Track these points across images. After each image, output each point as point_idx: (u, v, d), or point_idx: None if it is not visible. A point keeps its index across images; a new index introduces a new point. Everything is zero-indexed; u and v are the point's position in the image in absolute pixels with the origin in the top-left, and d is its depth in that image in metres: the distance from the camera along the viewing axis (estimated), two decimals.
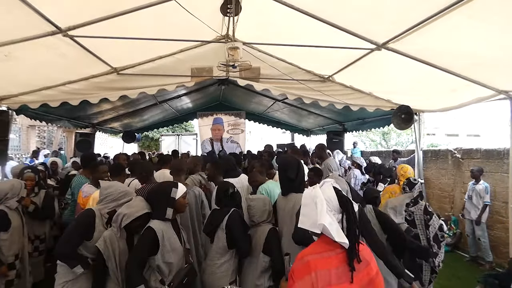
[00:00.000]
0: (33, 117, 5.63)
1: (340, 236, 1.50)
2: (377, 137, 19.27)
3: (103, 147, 16.67)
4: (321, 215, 1.51)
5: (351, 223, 1.55)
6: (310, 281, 1.46)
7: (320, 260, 1.50)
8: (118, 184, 2.74)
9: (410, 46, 3.40)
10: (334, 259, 1.51)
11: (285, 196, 2.71)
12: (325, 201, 1.55)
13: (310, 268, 1.48)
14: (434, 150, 7.24)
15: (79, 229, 2.46)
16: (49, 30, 3.14)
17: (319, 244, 1.58)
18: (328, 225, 1.49)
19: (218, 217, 2.65)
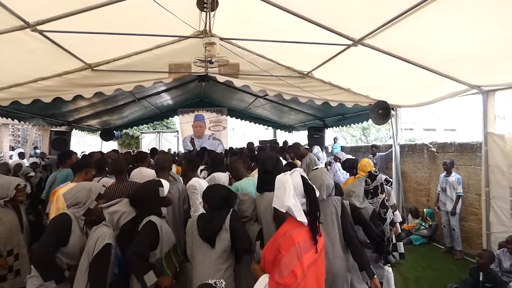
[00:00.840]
0: (4, 115, 5.40)
1: (301, 217, 1.85)
2: (357, 132, 19.66)
3: (80, 145, 16.21)
4: (288, 198, 1.85)
5: (312, 206, 1.91)
6: (295, 251, 1.78)
7: (298, 233, 1.84)
8: (80, 185, 2.63)
9: (385, 42, 3.47)
10: (304, 233, 1.86)
11: (261, 193, 2.68)
12: (293, 186, 1.88)
13: (294, 241, 1.80)
14: (411, 145, 7.43)
15: (54, 235, 2.36)
16: (17, 25, 3.00)
17: (292, 221, 1.89)
18: (292, 207, 1.84)
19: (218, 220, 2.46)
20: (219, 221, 2.41)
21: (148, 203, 2.46)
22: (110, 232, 2.32)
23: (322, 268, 1.95)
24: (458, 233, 5.46)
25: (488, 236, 4.24)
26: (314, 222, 1.89)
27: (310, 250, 1.84)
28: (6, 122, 10.99)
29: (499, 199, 4.12)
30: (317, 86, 5.03)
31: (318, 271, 1.89)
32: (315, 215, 1.91)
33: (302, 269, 1.76)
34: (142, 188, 2.64)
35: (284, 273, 1.75)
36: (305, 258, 1.78)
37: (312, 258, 1.83)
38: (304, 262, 1.77)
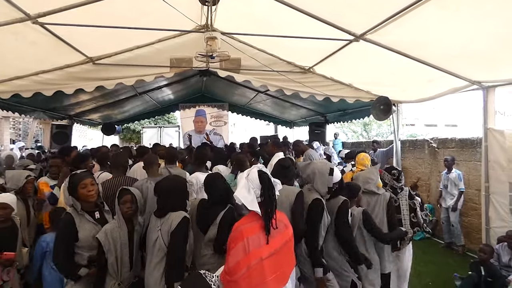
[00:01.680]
0: (5, 108, 5.41)
1: (253, 206, 1.94)
2: (358, 128, 19.60)
3: (82, 139, 16.24)
4: (239, 190, 1.99)
5: (266, 195, 1.98)
6: (243, 245, 1.85)
7: (250, 228, 1.92)
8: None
9: (387, 37, 3.45)
10: (259, 225, 1.93)
11: None
12: (248, 181, 2.00)
13: (242, 235, 1.88)
14: (412, 140, 7.44)
15: (61, 238, 2.44)
16: (18, 17, 2.98)
17: (249, 216, 2.00)
18: (242, 198, 1.95)
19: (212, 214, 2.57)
20: (212, 216, 2.53)
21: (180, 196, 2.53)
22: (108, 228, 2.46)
23: (283, 261, 1.96)
24: (458, 229, 5.49)
25: (487, 231, 4.26)
26: (267, 212, 1.94)
27: (261, 245, 1.87)
28: (7, 115, 11.03)
29: (498, 194, 4.14)
30: (319, 82, 5.02)
31: (283, 260, 1.95)
32: (269, 205, 1.96)
33: (249, 262, 1.82)
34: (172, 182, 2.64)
35: (230, 264, 1.85)
36: (254, 253, 1.84)
37: (267, 251, 1.88)
38: (252, 257, 1.83)
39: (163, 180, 2.61)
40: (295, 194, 2.62)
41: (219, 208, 2.56)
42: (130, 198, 2.54)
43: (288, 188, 2.71)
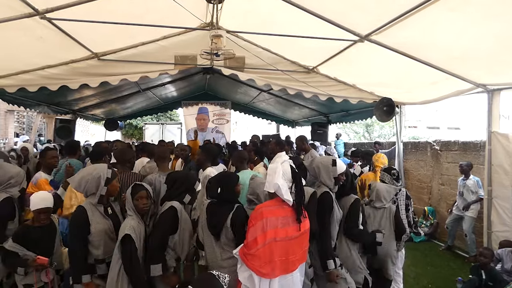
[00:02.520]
0: (10, 101, 5.45)
1: (288, 195, 2.15)
2: (360, 129, 19.58)
3: (84, 134, 16.30)
4: (277, 178, 2.17)
5: (298, 189, 2.23)
6: (261, 224, 2.09)
7: (270, 211, 2.16)
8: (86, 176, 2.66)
9: (392, 39, 3.46)
10: (281, 211, 2.16)
11: None
12: (282, 172, 2.20)
13: (262, 216, 2.12)
14: (414, 142, 7.43)
15: (75, 232, 2.44)
16: (26, 12, 3.01)
17: (271, 201, 2.26)
18: (280, 186, 2.14)
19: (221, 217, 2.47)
20: (222, 218, 2.43)
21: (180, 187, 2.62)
22: (133, 224, 2.42)
23: (296, 249, 2.17)
24: (472, 239, 5.27)
25: (489, 235, 4.26)
26: (299, 204, 2.19)
27: (283, 227, 2.12)
28: (11, 108, 11.07)
29: (501, 199, 4.14)
30: (322, 82, 5.02)
31: (290, 249, 2.14)
32: (300, 197, 2.22)
33: (265, 239, 2.05)
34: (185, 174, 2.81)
35: (249, 239, 2.10)
36: (270, 232, 2.07)
37: (284, 234, 2.11)
38: (268, 235, 2.06)
39: (172, 173, 2.79)
40: (309, 195, 2.64)
41: (226, 209, 2.46)
42: (145, 194, 2.53)
43: None
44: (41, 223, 2.68)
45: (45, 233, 2.71)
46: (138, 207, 2.49)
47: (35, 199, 2.65)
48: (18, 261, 2.55)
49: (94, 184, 2.48)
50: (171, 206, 2.51)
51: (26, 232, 2.64)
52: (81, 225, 2.43)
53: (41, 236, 2.66)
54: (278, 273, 2.08)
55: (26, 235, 2.62)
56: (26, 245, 2.59)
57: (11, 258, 2.57)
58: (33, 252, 2.58)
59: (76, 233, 2.44)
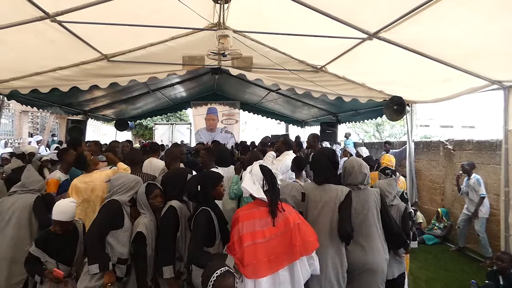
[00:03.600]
0: (24, 102, 5.59)
1: (259, 194, 2.23)
2: (370, 128, 19.33)
3: (96, 134, 16.55)
4: (245, 182, 2.28)
5: (269, 184, 2.27)
6: (237, 229, 2.17)
7: (246, 214, 2.22)
8: (127, 174, 2.82)
9: (402, 36, 3.39)
10: (257, 213, 2.21)
11: (320, 185, 2.69)
12: (252, 175, 2.31)
13: (238, 220, 2.20)
14: (426, 142, 7.28)
15: (109, 217, 2.46)
16: (37, 16, 3.07)
17: (249, 204, 2.33)
18: (248, 188, 2.25)
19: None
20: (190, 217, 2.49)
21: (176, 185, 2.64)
22: (146, 221, 2.49)
23: (282, 247, 2.17)
24: (485, 239, 5.14)
25: (507, 239, 4.09)
26: (272, 199, 2.23)
27: (261, 228, 2.16)
28: (25, 109, 11.31)
29: None
30: (331, 81, 4.97)
31: (273, 249, 2.15)
32: (272, 192, 2.26)
33: (241, 243, 2.12)
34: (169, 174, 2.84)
35: (229, 243, 2.24)
36: (246, 236, 2.13)
37: (262, 236, 2.14)
38: (244, 239, 2.12)
39: (164, 174, 2.86)
40: (344, 194, 2.57)
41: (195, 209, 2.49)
42: (159, 192, 2.64)
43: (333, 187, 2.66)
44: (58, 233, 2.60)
45: (67, 241, 2.62)
46: (154, 205, 2.59)
47: (55, 208, 2.55)
48: (37, 268, 2.50)
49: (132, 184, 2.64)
50: (170, 205, 2.54)
51: (47, 238, 2.57)
52: (116, 213, 2.48)
53: (62, 244, 2.58)
54: (263, 274, 2.08)
55: (47, 241, 2.55)
56: (47, 251, 2.53)
57: (32, 263, 2.52)
58: (54, 259, 2.53)
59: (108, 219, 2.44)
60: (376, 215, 2.68)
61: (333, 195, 2.58)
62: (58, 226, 2.55)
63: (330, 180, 2.69)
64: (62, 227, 2.56)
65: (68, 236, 2.63)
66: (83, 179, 3.34)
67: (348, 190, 2.60)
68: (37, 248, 2.51)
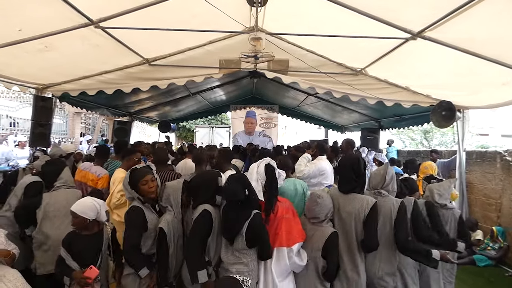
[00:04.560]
0: (74, 104, 6.02)
1: (260, 195, 2.46)
2: (418, 135, 18.08)
3: (141, 135, 17.47)
4: (251, 181, 2.47)
5: (269, 184, 2.54)
6: None
7: None
8: None
9: (450, 34, 3.10)
10: None
11: (345, 194, 2.59)
12: (257, 173, 2.57)
13: None
14: (480, 152, 6.62)
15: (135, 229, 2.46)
16: (82, 22, 3.30)
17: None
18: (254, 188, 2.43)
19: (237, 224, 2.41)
20: (238, 226, 2.35)
21: (207, 189, 2.55)
22: (169, 218, 2.48)
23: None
24: None
25: None
26: (270, 198, 2.49)
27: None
28: (78, 111, 12.27)
29: None
30: (371, 84, 4.72)
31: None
32: (271, 191, 2.51)
33: None
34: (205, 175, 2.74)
35: None
36: None
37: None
38: None
39: (195, 177, 2.75)
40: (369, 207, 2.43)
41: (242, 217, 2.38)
42: (150, 177, 2.63)
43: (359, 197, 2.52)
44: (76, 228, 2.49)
45: (90, 243, 2.51)
46: (146, 191, 2.55)
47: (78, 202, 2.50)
48: (66, 270, 2.41)
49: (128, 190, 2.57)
50: (204, 209, 2.47)
51: (71, 239, 2.48)
52: (140, 222, 2.45)
53: (84, 246, 2.48)
54: None
55: (71, 241, 2.46)
56: (70, 252, 2.44)
57: (61, 265, 2.44)
58: (76, 262, 2.43)
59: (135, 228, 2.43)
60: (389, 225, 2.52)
61: (358, 206, 2.45)
62: (73, 218, 2.45)
63: (356, 189, 2.55)
64: (76, 221, 2.44)
65: (92, 238, 2.52)
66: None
67: (374, 202, 2.43)
68: (63, 248, 2.44)
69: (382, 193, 2.60)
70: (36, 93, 4.95)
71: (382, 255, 2.50)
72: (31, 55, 3.75)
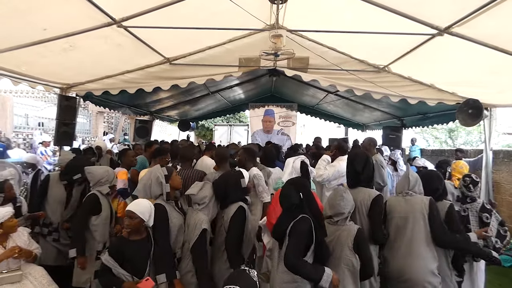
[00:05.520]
0: (97, 103, 6.18)
1: None
2: (442, 134, 17.47)
3: (162, 134, 17.79)
4: (287, 176, 2.83)
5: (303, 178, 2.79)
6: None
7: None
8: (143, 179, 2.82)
9: (479, 30, 2.96)
10: None
11: (351, 188, 2.72)
12: (292, 167, 2.92)
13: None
14: (507, 151, 6.34)
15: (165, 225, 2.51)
16: (105, 22, 3.36)
17: None
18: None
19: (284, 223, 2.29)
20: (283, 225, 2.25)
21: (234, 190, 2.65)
22: (206, 219, 2.51)
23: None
24: None
25: None
26: None
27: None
28: (101, 110, 12.60)
29: None
30: (394, 82, 4.58)
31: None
32: None
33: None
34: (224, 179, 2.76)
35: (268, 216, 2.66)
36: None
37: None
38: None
39: (222, 177, 2.79)
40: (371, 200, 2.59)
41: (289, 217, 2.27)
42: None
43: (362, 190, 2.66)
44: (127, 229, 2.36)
45: (141, 249, 2.33)
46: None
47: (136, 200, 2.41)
48: (113, 281, 2.21)
49: (157, 185, 2.61)
50: (240, 206, 2.51)
51: (119, 245, 2.32)
52: (165, 221, 2.49)
53: (137, 252, 2.30)
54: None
55: (119, 248, 2.28)
56: (119, 260, 2.24)
57: (106, 276, 2.24)
58: (125, 270, 2.25)
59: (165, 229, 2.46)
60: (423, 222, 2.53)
61: (360, 199, 2.60)
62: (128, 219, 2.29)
63: (361, 183, 2.71)
64: (133, 223, 2.28)
65: (142, 243, 2.35)
66: None
67: (377, 194, 2.58)
68: (110, 257, 2.23)
69: (410, 193, 2.65)
70: (60, 92, 5.07)
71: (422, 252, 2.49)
72: (56, 54, 3.82)
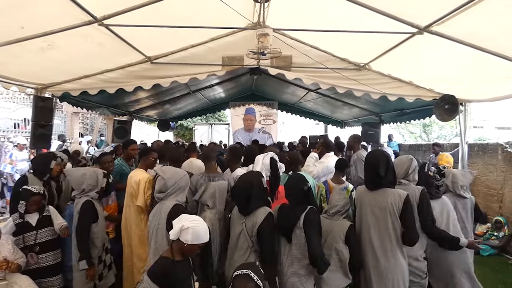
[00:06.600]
0: (74, 104, 5.94)
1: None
2: (417, 129, 18.18)
3: (140, 134, 17.37)
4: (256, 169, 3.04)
5: (273, 174, 3.08)
6: None
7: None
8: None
9: (457, 29, 3.09)
10: None
11: (372, 190, 2.59)
12: (262, 163, 3.19)
13: None
14: (482, 144, 6.68)
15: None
16: (86, 20, 3.23)
17: None
18: None
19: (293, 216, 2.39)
20: (294, 218, 2.36)
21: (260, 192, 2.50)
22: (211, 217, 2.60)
23: None
24: None
25: None
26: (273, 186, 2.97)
27: None
28: (76, 110, 12.14)
29: None
30: (375, 79, 4.70)
31: None
32: (274, 180, 3.04)
33: None
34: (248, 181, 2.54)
35: None
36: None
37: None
38: None
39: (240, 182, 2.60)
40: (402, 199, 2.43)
41: (299, 209, 2.39)
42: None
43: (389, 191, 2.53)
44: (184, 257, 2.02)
45: (186, 270, 2.03)
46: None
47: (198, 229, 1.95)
48: None
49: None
50: (269, 213, 2.42)
51: (166, 267, 1.92)
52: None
53: (183, 275, 1.97)
54: None
55: (167, 272, 1.90)
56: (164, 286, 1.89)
57: None
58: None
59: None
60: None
61: (390, 200, 2.45)
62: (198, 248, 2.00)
63: (384, 185, 2.54)
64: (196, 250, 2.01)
65: (186, 264, 2.04)
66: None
67: (406, 194, 2.44)
68: (153, 283, 1.85)
69: (403, 182, 2.72)
70: (35, 93, 4.82)
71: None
72: (33, 54, 3.65)
